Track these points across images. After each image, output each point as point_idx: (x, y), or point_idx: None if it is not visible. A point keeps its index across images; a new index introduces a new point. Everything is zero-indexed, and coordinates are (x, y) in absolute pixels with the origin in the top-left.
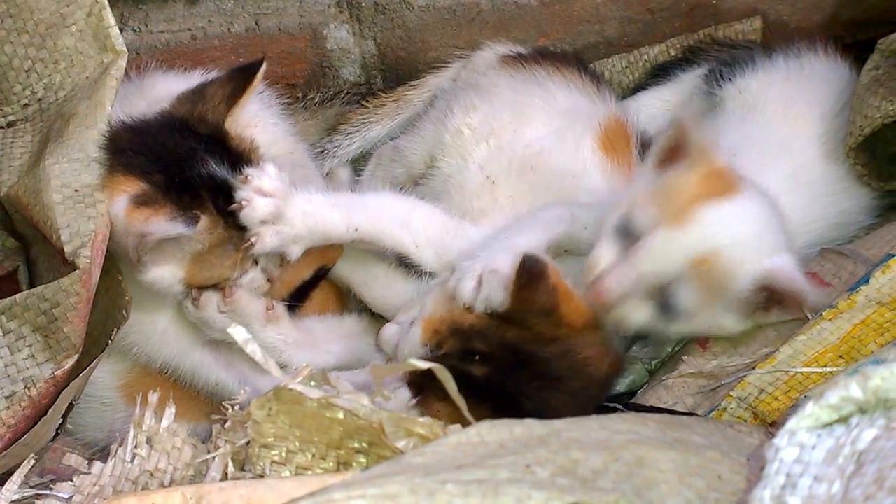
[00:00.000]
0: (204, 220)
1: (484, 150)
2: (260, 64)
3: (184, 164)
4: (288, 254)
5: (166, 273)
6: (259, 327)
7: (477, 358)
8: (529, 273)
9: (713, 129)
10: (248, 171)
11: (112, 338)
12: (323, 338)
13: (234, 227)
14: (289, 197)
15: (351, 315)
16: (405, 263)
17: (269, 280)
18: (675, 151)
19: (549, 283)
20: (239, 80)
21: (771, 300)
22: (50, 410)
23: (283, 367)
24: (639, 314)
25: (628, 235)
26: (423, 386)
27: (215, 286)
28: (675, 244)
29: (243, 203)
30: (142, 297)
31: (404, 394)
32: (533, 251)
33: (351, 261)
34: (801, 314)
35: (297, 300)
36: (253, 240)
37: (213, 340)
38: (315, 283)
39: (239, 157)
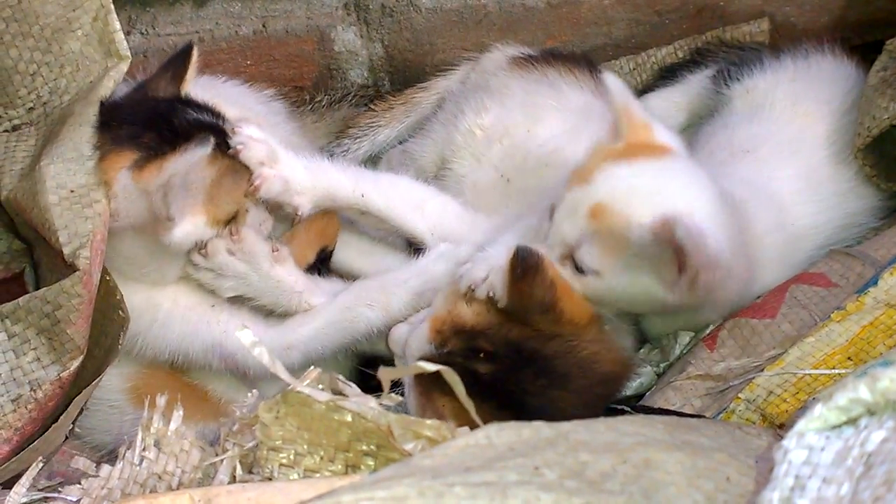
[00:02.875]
0: (206, 154)
1: (498, 151)
2: (190, 48)
3: (168, 116)
4: (295, 206)
5: (190, 225)
6: (268, 267)
7: (482, 356)
8: (524, 266)
9: (722, 128)
10: (234, 124)
11: (121, 342)
12: (330, 288)
13: (231, 157)
14: (278, 154)
15: None
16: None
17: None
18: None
19: (546, 276)
20: (175, 64)
21: (676, 264)
22: (62, 416)
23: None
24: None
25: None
26: (427, 380)
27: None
28: (575, 201)
29: (239, 147)
30: (138, 282)
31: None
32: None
33: (356, 251)
34: (707, 278)
35: None
36: (257, 182)
37: (219, 314)
38: (319, 268)
39: (217, 113)
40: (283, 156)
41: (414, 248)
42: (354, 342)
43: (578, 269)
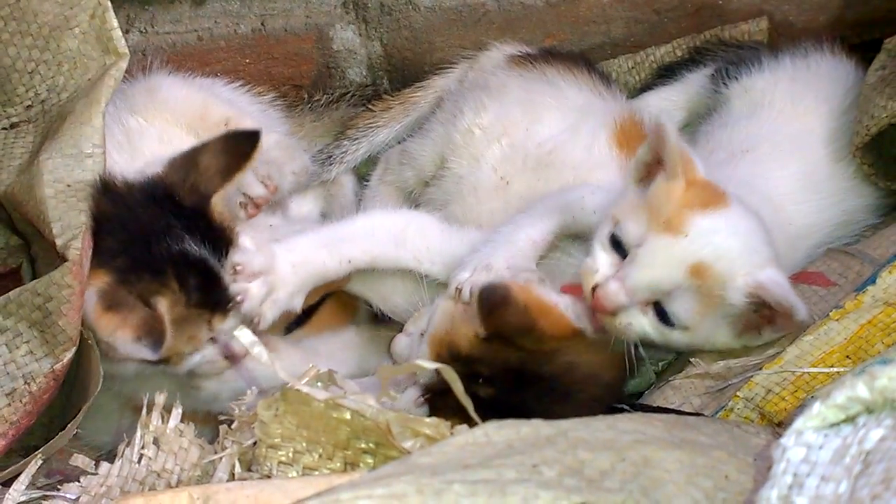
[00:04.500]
0: (164, 301)
1: (497, 151)
2: (257, 136)
3: (153, 240)
4: (292, 308)
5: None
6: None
7: (480, 381)
8: (489, 304)
9: (721, 127)
10: (235, 259)
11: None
12: (325, 354)
13: (195, 305)
14: (274, 261)
15: (349, 328)
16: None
17: (226, 357)
18: (653, 165)
19: (518, 304)
20: (235, 154)
21: (762, 316)
22: (69, 424)
23: None
24: (639, 323)
25: (618, 248)
26: (437, 404)
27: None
28: (670, 252)
29: (239, 298)
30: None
31: (413, 393)
32: (539, 239)
33: (363, 275)
34: (792, 329)
35: (300, 322)
36: (256, 320)
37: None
38: (319, 306)
39: (220, 235)
40: (278, 270)
41: None
42: None
43: (663, 320)
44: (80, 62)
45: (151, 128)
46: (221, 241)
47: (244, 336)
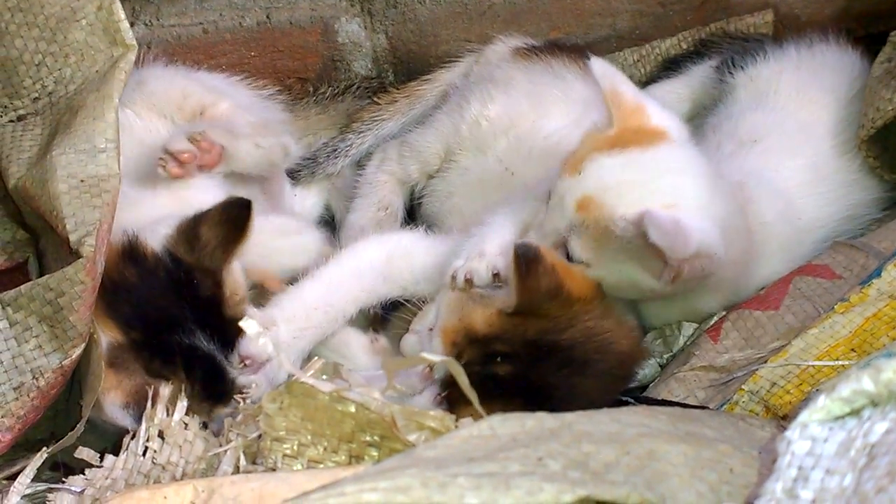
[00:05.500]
0: (169, 389)
1: (503, 143)
2: (248, 207)
3: (167, 328)
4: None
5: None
6: None
7: (499, 359)
8: (526, 261)
9: (727, 118)
10: (243, 352)
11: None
12: None
13: (197, 397)
14: (278, 339)
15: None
16: None
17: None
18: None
19: (547, 263)
20: (233, 225)
21: (658, 255)
22: (78, 424)
23: None
24: None
25: None
26: (455, 396)
27: None
28: (564, 191)
29: (249, 392)
30: None
31: (430, 393)
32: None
33: None
34: (679, 271)
35: None
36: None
37: None
38: None
39: (230, 327)
40: (280, 340)
41: None
42: None
43: (569, 258)
44: (88, 54)
45: (139, 120)
46: (231, 333)
47: (250, 327)
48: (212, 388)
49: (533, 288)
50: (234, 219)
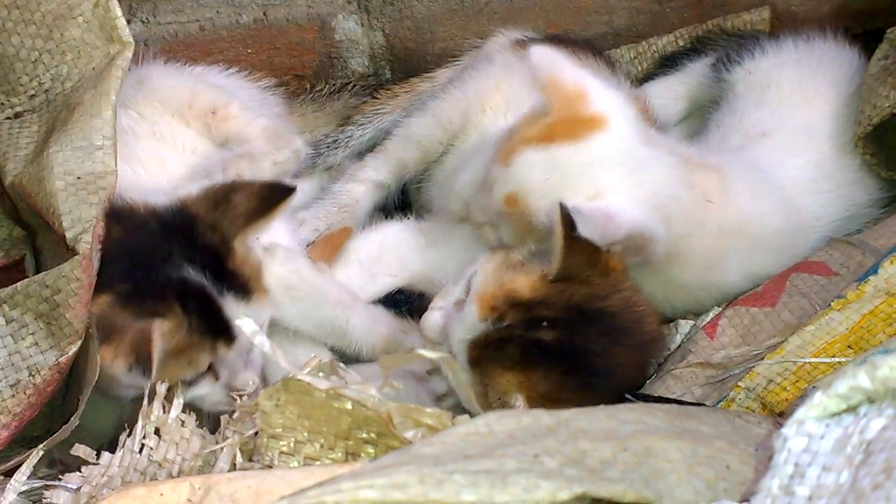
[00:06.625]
0: (165, 324)
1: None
2: (292, 190)
3: (156, 266)
4: None
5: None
6: None
7: (544, 324)
8: (573, 224)
9: (730, 114)
10: (238, 383)
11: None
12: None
13: (197, 331)
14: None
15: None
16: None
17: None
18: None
19: None
20: (268, 202)
21: None
22: (72, 417)
23: None
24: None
25: None
26: (485, 357)
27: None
28: (493, 181)
29: (246, 390)
30: None
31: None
32: None
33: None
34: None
35: None
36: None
37: None
38: None
39: (235, 278)
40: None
41: None
42: None
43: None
44: (84, 51)
45: (144, 122)
46: (236, 283)
47: (247, 325)
48: (209, 322)
49: (579, 251)
50: (270, 197)
